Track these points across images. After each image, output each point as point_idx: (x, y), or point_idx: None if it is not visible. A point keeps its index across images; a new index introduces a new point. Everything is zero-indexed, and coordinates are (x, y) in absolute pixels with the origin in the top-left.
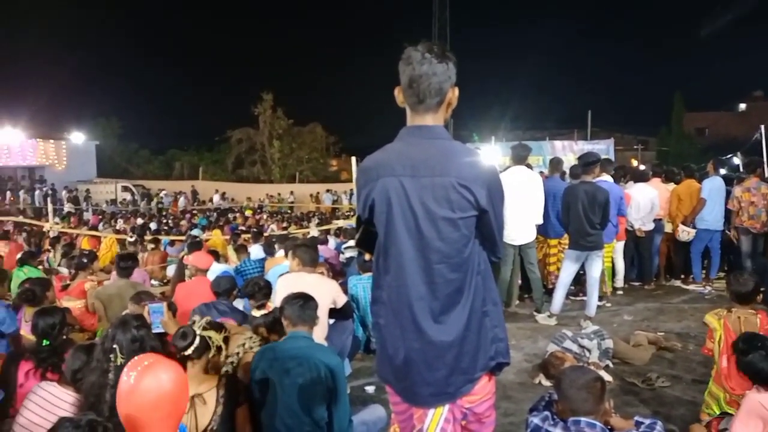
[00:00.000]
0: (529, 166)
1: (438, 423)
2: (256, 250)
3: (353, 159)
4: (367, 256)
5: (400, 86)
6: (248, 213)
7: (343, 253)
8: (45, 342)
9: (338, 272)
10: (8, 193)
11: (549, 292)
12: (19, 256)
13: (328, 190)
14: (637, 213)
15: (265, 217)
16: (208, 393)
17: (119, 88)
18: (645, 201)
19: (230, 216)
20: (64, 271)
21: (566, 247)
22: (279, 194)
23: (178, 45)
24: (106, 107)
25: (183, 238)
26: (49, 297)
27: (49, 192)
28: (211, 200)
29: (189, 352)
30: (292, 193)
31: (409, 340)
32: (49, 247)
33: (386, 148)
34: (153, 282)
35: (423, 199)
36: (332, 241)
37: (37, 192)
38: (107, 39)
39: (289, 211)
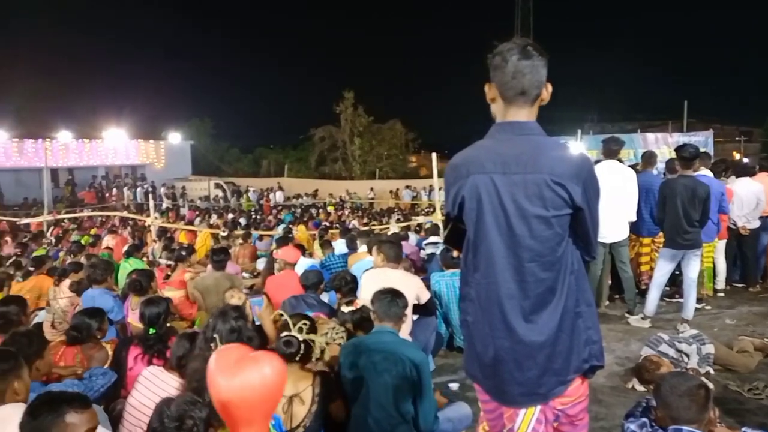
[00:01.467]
0: (620, 161)
1: (530, 423)
2: (340, 246)
3: (434, 155)
4: (455, 253)
5: (493, 82)
6: (330, 209)
7: (423, 249)
8: (151, 330)
9: (419, 268)
10: (114, 190)
11: (641, 293)
12: (125, 248)
13: (407, 187)
14: (741, 210)
15: (346, 213)
16: (304, 392)
17: (212, 91)
18: (749, 197)
19: (313, 212)
20: (165, 263)
21: (660, 245)
22: (349, 190)
23: (263, 50)
24: (200, 109)
25: (271, 233)
26: (153, 287)
27: (150, 189)
28: (297, 196)
29: (297, 359)
30: (371, 189)
31: (499, 339)
32: (155, 239)
33: (476, 145)
34: (244, 274)
35: (515, 197)
36: (412, 237)
37: (139, 189)
38: (201, 46)
39: (368, 207)
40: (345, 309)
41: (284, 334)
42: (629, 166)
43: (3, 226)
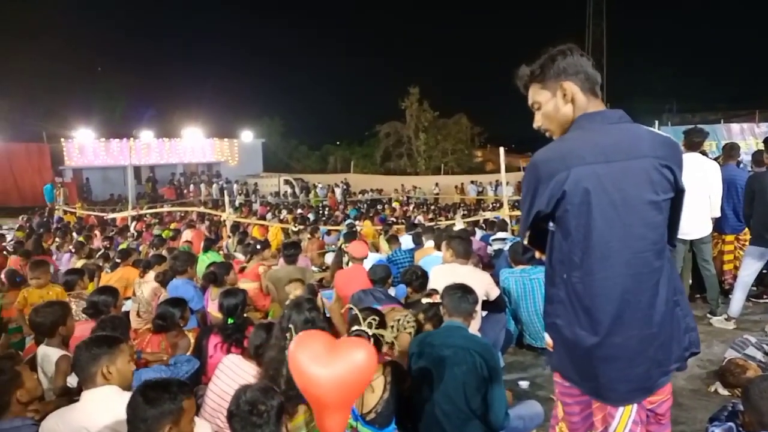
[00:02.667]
0: (704, 153)
1: (626, 424)
2: (405, 241)
3: (501, 150)
4: (537, 254)
5: (568, 81)
6: (396, 205)
7: (491, 245)
8: (230, 320)
9: (487, 264)
10: (192, 186)
11: (724, 293)
12: (202, 242)
13: (472, 182)
14: None
15: (411, 208)
16: (376, 381)
17: (282, 90)
18: None
19: (379, 207)
20: (240, 256)
21: (744, 243)
22: (414, 185)
23: (329, 48)
24: (271, 108)
25: (338, 227)
26: (230, 279)
27: (224, 185)
28: (362, 192)
29: None
30: (436, 184)
31: (609, 336)
32: (230, 234)
33: (565, 137)
34: (313, 268)
35: (621, 185)
36: (479, 233)
37: (214, 185)
38: (270, 47)
39: (433, 203)
40: (425, 300)
41: (354, 328)
42: (712, 159)
43: (92, 220)
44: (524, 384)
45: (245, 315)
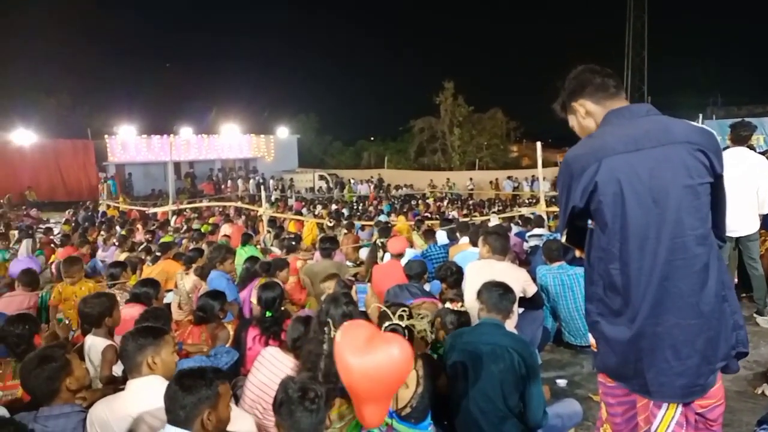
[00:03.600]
0: (751, 147)
1: (669, 425)
2: (441, 236)
3: (538, 144)
4: (577, 253)
5: (580, 99)
6: (430, 200)
7: (527, 241)
8: (268, 313)
9: (523, 261)
10: (229, 182)
11: None
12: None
13: (508, 177)
14: None
15: (445, 203)
16: (409, 376)
17: (316, 86)
18: None
19: (413, 203)
20: (276, 250)
21: None
22: (448, 180)
23: (361, 46)
24: (306, 104)
25: (372, 223)
26: (281, 276)
27: (261, 181)
28: (396, 188)
29: None
30: (471, 179)
31: (651, 326)
32: (269, 229)
33: (594, 134)
34: (347, 263)
35: (654, 171)
36: (514, 229)
37: (251, 181)
38: (305, 44)
39: (468, 198)
40: (448, 305)
41: (387, 323)
42: (760, 153)
43: (134, 214)
44: (562, 382)
45: (283, 308)
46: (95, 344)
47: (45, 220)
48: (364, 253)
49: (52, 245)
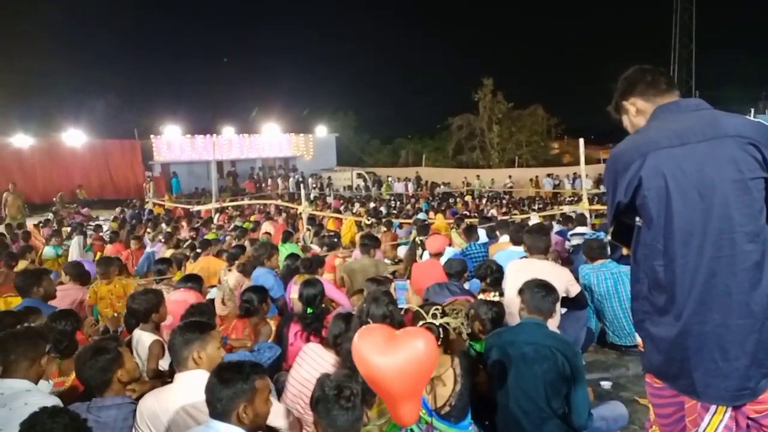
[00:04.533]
0: None
1: (716, 428)
2: (480, 234)
3: (581, 141)
4: (624, 251)
5: (631, 97)
6: (468, 198)
7: (569, 240)
8: (309, 309)
9: (565, 260)
10: (269, 180)
11: None
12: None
13: (548, 175)
14: None
15: (484, 201)
16: (445, 374)
17: (354, 85)
18: None
19: (450, 201)
20: (316, 248)
21: None
22: (478, 177)
23: (399, 44)
24: (344, 103)
25: (410, 221)
26: (319, 272)
27: (300, 179)
28: (433, 185)
29: (439, 344)
30: (510, 177)
31: (697, 324)
32: (308, 227)
33: (640, 130)
34: (386, 260)
35: (701, 166)
36: (555, 227)
37: (291, 179)
38: (342, 44)
39: (507, 196)
40: (481, 296)
41: (421, 323)
42: None
43: (179, 212)
44: (606, 384)
45: (323, 305)
46: (142, 339)
47: (95, 218)
48: (402, 251)
49: (102, 242)
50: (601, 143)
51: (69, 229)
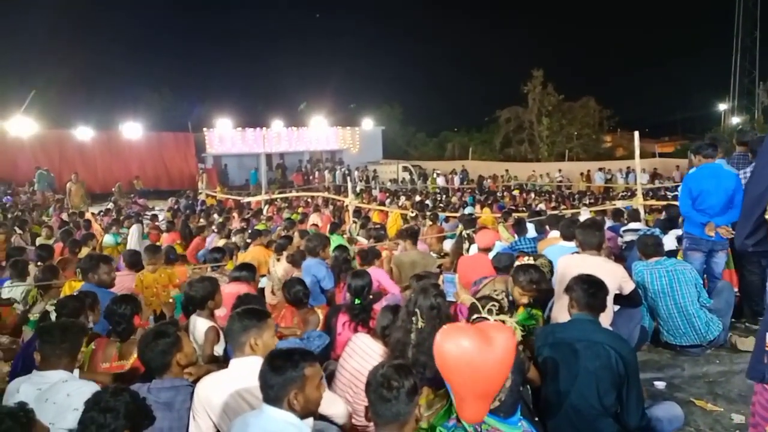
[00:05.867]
0: None
1: None
2: (530, 229)
3: (635, 134)
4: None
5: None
6: (516, 192)
7: (621, 236)
8: (357, 300)
9: (617, 257)
10: (317, 173)
11: None
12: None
13: (600, 169)
14: None
15: (533, 195)
16: None
17: (401, 78)
18: None
19: (497, 195)
20: (362, 240)
21: None
22: (507, 171)
23: (445, 36)
24: (390, 95)
25: (456, 214)
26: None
27: (347, 172)
28: (480, 179)
29: None
30: (559, 171)
31: None
32: (355, 219)
33: None
34: (431, 254)
35: None
36: (607, 223)
37: (337, 172)
38: (389, 36)
39: (556, 190)
40: (517, 262)
41: (475, 316)
42: None
43: (230, 203)
44: (660, 384)
45: (372, 296)
46: (198, 325)
47: (150, 208)
48: (447, 245)
49: (158, 231)
50: (656, 136)
51: (125, 218)
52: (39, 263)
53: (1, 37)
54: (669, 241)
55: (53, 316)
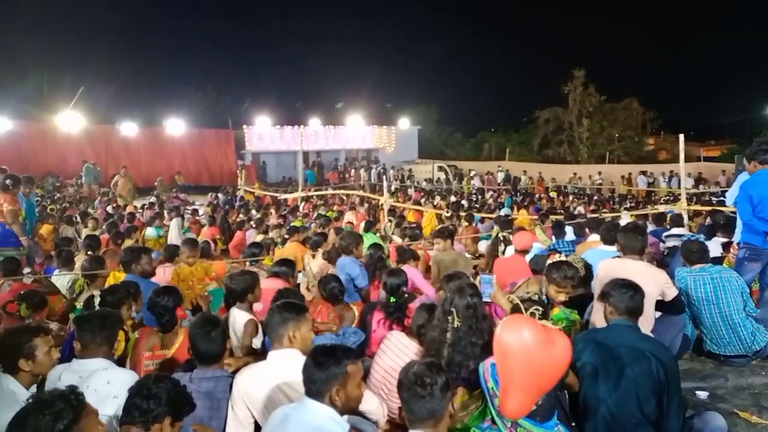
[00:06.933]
0: None
1: None
2: (568, 232)
3: (681, 137)
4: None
5: None
6: (553, 194)
7: (663, 241)
8: (392, 298)
9: (659, 262)
10: (352, 171)
11: None
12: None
13: (642, 172)
14: None
15: (570, 198)
16: None
17: (438, 77)
18: None
19: (534, 197)
20: (397, 239)
21: None
22: (525, 171)
23: (484, 35)
24: (427, 95)
25: (492, 215)
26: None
27: (382, 170)
28: (518, 179)
29: None
30: (599, 173)
31: None
32: (390, 218)
33: None
34: (466, 255)
35: None
36: (649, 228)
37: (372, 171)
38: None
39: (596, 193)
40: (549, 260)
41: (507, 318)
42: None
43: (268, 200)
44: (703, 394)
45: (408, 295)
46: (238, 317)
47: (191, 202)
48: (482, 246)
49: (199, 225)
50: (701, 140)
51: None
52: (89, 252)
53: (53, 38)
54: (714, 248)
55: (97, 303)
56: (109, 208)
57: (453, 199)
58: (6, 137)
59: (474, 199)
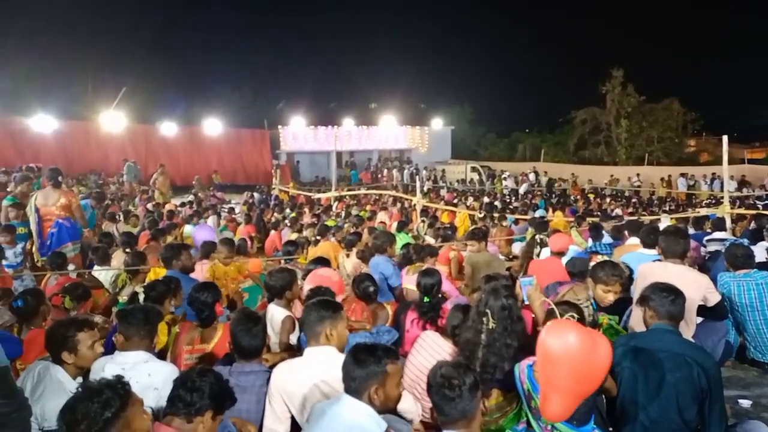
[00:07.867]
0: None
1: None
2: (605, 235)
3: (724, 138)
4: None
5: None
6: (590, 196)
7: (704, 245)
8: (426, 298)
9: (701, 267)
10: (385, 171)
11: None
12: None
13: (682, 174)
14: None
15: (608, 200)
16: None
17: (472, 78)
18: None
19: (571, 198)
20: (430, 239)
21: None
22: (572, 174)
23: (519, 33)
24: (460, 95)
25: (526, 217)
26: (430, 261)
27: (415, 171)
28: (551, 182)
29: None
30: (638, 175)
31: None
32: (422, 219)
33: None
34: (500, 257)
35: None
36: (689, 231)
37: (405, 171)
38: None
39: (634, 196)
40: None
41: (551, 322)
42: None
43: (302, 199)
44: (746, 403)
45: (442, 295)
46: (275, 314)
47: (227, 201)
48: (516, 248)
49: (235, 223)
50: (745, 142)
51: (206, 209)
52: (127, 249)
53: (96, 41)
54: (759, 253)
55: (141, 298)
56: (149, 206)
57: (486, 200)
58: (53, 136)
59: (507, 200)
